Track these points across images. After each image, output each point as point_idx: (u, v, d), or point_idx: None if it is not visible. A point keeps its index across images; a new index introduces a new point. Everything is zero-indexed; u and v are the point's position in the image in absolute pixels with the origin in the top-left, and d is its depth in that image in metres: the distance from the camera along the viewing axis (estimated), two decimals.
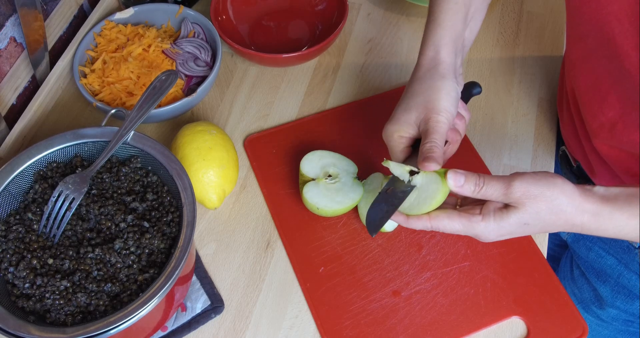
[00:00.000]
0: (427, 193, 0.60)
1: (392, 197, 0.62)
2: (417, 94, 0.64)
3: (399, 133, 0.64)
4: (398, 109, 0.66)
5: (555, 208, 0.54)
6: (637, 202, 0.53)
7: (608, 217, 0.54)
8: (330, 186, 0.74)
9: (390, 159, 0.65)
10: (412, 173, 0.62)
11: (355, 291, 0.71)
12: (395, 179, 0.64)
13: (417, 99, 0.64)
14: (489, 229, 0.57)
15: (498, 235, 0.57)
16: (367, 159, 0.81)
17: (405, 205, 0.62)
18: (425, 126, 0.62)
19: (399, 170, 0.63)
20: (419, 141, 0.64)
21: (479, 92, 0.74)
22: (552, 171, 0.82)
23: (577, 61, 0.69)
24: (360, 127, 0.85)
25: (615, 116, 0.66)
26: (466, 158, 0.82)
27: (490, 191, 0.56)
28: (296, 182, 0.80)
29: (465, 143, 0.83)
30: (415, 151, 0.65)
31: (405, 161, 0.65)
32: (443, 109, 0.62)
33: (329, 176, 0.75)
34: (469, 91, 0.72)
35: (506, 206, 0.56)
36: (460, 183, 0.57)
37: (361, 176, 0.77)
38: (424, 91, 0.64)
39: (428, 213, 0.59)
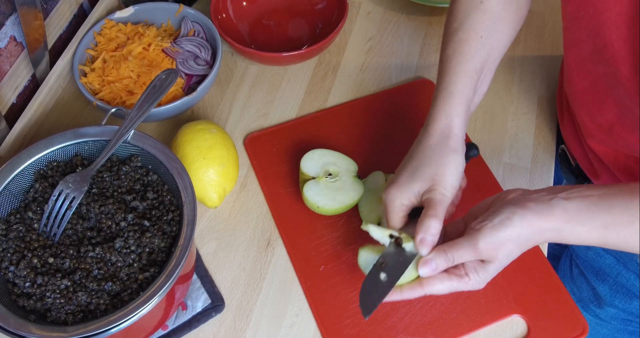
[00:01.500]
0: (412, 262, 0.61)
1: (388, 272, 0.61)
2: (426, 165, 0.64)
3: (402, 200, 0.64)
4: (404, 175, 0.64)
5: (522, 242, 0.57)
6: (597, 213, 0.55)
7: (569, 232, 0.56)
8: (331, 185, 0.74)
9: (370, 223, 0.64)
10: (391, 236, 0.62)
11: (355, 290, 0.71)
12: (388, 254, 0.62)
13: (426, 169, 0.63)
14: (477, 282, 0.60)
15: (486, 282, 0.60)
16: (368, 158, 0.81)
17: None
18: (429, 196, 0.62)
19: (379, 234, 0.63)
20: (415, 209, 0.64)
21: (476, 155, 0.73)
22: (552, 170, 0.82)
23: (573, 64, 0.69)
24: (361, 125, 0.85)
25: (613, 118, 0.66)
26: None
27: (463, 258, 0.58)
28: (296, 181, 0.80)
29: (466, 141, 0.83)
30: (411, 220, 0.65)
31: (402, 229, 0.64)
32: (450, 186, 0.63)
33: (329, 174, 0.75)
34: (467, 154, 0.69)
35: (483, 260, 0.59)
36: (433, 269, 0.59)
37: (361, 174, 0.77)
38: (433, 163, 0.64)
39: (419, 281, 0.60)
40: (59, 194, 0.64)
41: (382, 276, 0.61)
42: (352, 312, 0.70)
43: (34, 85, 0.89)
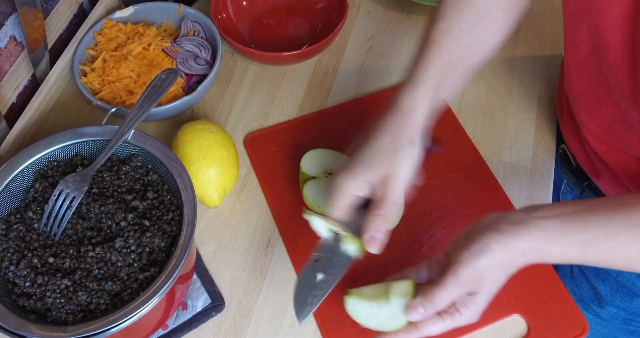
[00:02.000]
0: (402, 307, 0.59)
1: (326, 272, 0.60)
2: (382, 154, 0.61)
3: (352, 188, 0.61)
4: (358, 162, 0.62)
5: (505, 266, 0.56)
6: (573, 230, 0.53)
7: (549, 251, 0.55)
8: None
9: (311, 211, 0.61)
10: (333, 232, 0.60)
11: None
12: (326, 247, 0.60)
13: (381, 159, 0.61)
14: (470, 315, 0.58)
15: (479, 313, 0.59)
16: None
17: (379, 323, 0.60)
18: (380, 191, 0.61)
19: (320, 226, 0.60)
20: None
21: (438, 151, 0.68)
22: (552, 169, 0.82)
23: (573, 64, 0.69)
24: (361, 125, 0.85)
25: (612, 118, 0.66)
26: (467, 157, 0.82)
27: (451, 296, 0.57)
28: (296, 180, 0.80)
29: (466, 141, 0.83)
30: (357, 214, 0.62)
31: (345, 224, 0.62)
32: (402, 179, 0.61)
33: (329, 174, 0.75)
34: (429, 149, 0.66)
35: (471, 293, 0.58)
36: (422, 314, 0.58)
37: None
38: (389, 152, 0.61)
39: (413, 325, 0.59)
40: (59, 194, 0.64)
41: (319, 276, 0.59)
42: None
43: (34, 85, 0.89)
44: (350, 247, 0.61)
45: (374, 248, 0.59)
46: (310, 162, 0.76)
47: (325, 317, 0.70)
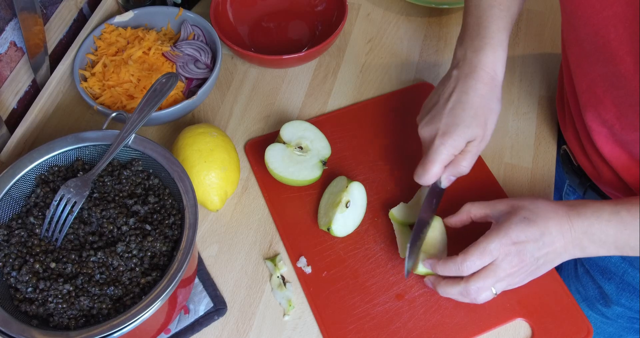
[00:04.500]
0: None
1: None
2: (479, 114, 0.67)
3: (452, 149, 0.67)
4: (456, 123, 0.66)
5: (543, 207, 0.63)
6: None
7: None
8: (293, 156, 0.76)
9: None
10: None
11: (358, 295, 0.71)
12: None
13: (479, 119, 0.67)
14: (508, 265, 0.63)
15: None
16: (357, 164, 0.81)
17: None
18: (469, 147, 0.68)
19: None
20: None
21: None
22: (554, 169, 0.82)
23: (572, 63, 0.69)
24: (360, 130, 0.85)
25: (611, 117, 0.66)
26: None
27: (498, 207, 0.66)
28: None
29: None
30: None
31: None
32: (488, 136, 0.69)
33: (300, 147, 0.77)
34: None
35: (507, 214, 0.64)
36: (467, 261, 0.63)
37: (332, 171, 0.79)
38: (485, 112, 0.67)
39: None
40: (61, 199, 0.64)
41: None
42: (356, 317, 0.70)
43: (34, 90, 0.89)
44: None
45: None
46: (291, 129, 0.79)
47: (329, 322, 0.70)
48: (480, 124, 0.67)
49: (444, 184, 0.71)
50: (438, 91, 0.71)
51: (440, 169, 0.68)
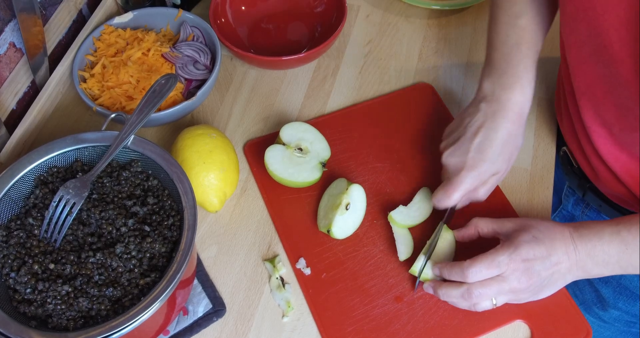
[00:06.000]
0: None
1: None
2: (504, 152, 0.70)
3: (476, 182, 0.70)
4: (483, 159, 0.69)
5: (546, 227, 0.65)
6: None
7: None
8: (293, 158, 0.76)
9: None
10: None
11: (357, 297, 0.71)
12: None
13: (504, 156, 0.70)
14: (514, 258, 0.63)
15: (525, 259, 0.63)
16: (357, 165, 0.81)
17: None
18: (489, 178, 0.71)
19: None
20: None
21: None
22: (552, 171, 0.82)
23: (572, 65, 0.69)
24: (360, 131, 0.85)
25: (611, 119, 0.66)
26: None
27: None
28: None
29: None
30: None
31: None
32: (509, 169, 0.72)
33: (300, 149, 0.77)
34: None
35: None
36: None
37: (332, 172, 0.79)
38: (511, 150, 0.71)
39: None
40: (60, 200, 0.64)
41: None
42: (355, 319, 0.70)
43: (33, 91, 0.89)
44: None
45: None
46: (290, 130, 0.78)
47: (328, 324, 0.70)
48: (505, 160, 0.70)
49: (458, 206, 0.74)
50: (464, 122, 0.72)
51: (461, 197, 0.70)
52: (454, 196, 0.70)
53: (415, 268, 0.69)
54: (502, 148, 0.69)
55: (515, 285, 0.63)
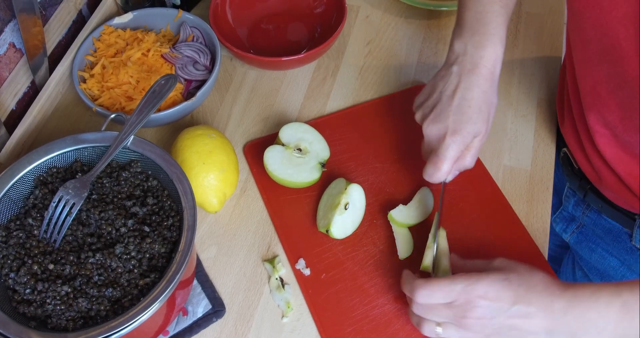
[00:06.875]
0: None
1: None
2: (483, 110, 0.68)
3: (462, 146, 0.68)
4: (463, 120, 0.67)
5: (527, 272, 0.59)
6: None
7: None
8: (293, 158, 0.76)
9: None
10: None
11: (357, 298, 0.71)
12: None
13: (483, 115, 0.68)
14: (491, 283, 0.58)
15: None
16: (356, 166, 0.81)
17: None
18: (472, 141, 0.69)
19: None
20: None
21: None
22: (552, 172, 0.82)
23: (577, 64, 0.69)
24: (359, 131, 0.85)
25: (615, 119, 0.66)
26: None
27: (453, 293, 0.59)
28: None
29: None
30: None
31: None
32: (489, 129, 0.70)
33: (299, 149, 0.77)
34: None
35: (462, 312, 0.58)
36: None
37: (331, 172, 0.79)
38: (488, 108, 0.69)
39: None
40: (59, 201, 0.64)
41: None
42: (354, 320, 0.70)
43: (33, 91, 0.89)
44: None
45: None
46: (290, 131, 0.78)
47: (328, 325, 0.70)
48: (485, 119, 0.69)
49: (449, 179, 0.72)
50: (438, 87, 0.71)
51: (451, 166, 0.69)
52: (444, 167, 0.68)
53: (427, 263, 0.67)
54: (480, 106, 0.68)
55: (462, 322, 0.58)
